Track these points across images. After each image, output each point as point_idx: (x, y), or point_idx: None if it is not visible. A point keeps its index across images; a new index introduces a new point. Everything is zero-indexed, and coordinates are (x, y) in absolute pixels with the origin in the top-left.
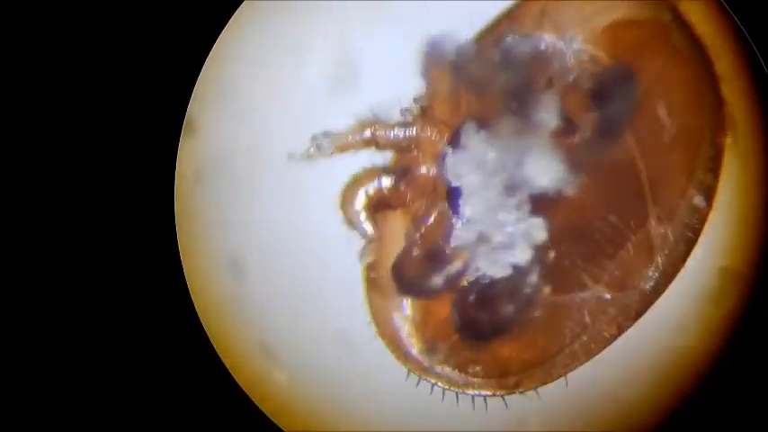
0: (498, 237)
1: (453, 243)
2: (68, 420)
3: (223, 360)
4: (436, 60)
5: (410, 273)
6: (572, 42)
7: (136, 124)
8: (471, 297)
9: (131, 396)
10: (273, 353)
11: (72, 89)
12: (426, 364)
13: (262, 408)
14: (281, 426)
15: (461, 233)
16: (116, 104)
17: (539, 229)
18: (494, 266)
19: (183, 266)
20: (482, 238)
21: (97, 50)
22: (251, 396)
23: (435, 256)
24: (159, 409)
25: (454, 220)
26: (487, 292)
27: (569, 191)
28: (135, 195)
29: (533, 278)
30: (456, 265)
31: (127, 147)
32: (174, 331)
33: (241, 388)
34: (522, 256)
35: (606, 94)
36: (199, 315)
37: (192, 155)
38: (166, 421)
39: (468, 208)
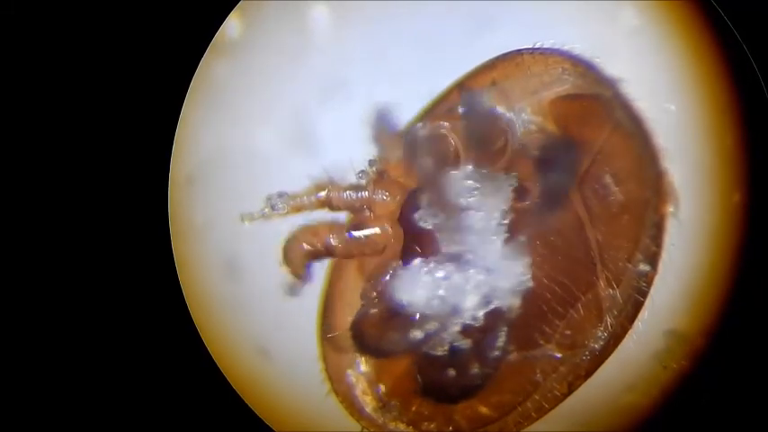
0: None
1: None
2: (63, 421)
3: (217, 362)
4: (384, 132)
5: (369, 333)
6: (521, 113)
7: (130, 125)
8: (437, 360)
9: (125, 397)
10: (268, 354)
11: (65, 90)
12: (380, 421)
13: (255, 409)
14: (274, 428)
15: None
16: (109, 106)
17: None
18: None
19: (177, 269)
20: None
21: (91, 51)
22: (245, 398)
23: (394, 317)
24: (153, 410)
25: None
26: (455, 355)
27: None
28: (129, 198)
29: (501, 339)
30: (417, 330)
31: (120, 149)
32: (169, 333)
33: (235, 390)
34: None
35: (550, 162)
36: (193, 317)
37: (185, 156)
38: (160, 422)
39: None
